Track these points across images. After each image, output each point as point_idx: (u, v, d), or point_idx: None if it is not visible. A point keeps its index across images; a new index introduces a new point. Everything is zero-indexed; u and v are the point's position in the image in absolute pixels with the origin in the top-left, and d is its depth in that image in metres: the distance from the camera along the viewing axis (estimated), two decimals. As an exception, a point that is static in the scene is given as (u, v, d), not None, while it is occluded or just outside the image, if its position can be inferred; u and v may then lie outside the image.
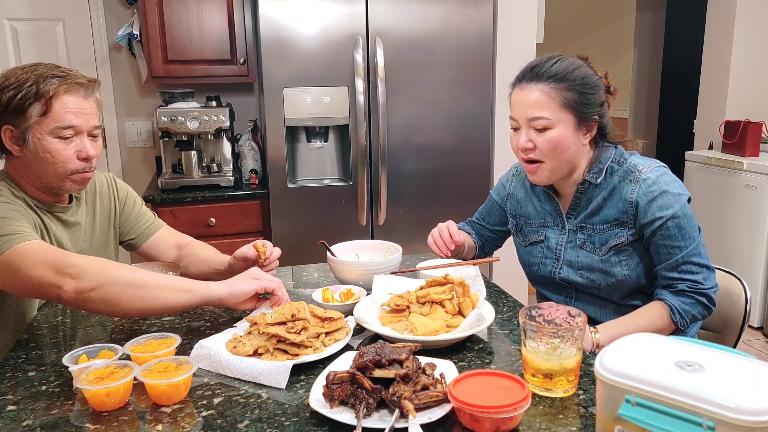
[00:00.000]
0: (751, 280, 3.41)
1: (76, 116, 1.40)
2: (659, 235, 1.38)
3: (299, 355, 1.13)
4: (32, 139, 1.38)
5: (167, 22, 2.83)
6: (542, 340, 1.02)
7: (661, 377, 0.78)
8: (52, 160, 1.40)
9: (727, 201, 3.48)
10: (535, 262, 1.57)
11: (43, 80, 1.37)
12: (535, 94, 1.38)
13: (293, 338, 1.14)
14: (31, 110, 1.37)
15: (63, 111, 1.38)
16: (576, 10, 6.01)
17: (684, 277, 1.39)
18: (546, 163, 1.41)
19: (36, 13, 3.07)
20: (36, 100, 1.36)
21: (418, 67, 2.74)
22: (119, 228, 1.68)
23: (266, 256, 1.48)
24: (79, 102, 1.41)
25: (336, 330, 1.22)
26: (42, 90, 1.36)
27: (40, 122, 1.38)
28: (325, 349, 1.16)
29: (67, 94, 1.39)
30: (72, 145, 1.41)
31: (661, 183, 1.39)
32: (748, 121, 3.47)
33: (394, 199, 2.82)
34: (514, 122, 1.44)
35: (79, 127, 1.41)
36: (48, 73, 1.38)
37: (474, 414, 0.89)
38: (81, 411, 1.01)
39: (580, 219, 1.49)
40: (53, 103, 1.37)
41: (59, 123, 1.38)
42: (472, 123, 2.84)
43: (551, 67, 1.40)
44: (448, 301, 1.29)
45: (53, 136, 1.39)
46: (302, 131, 2.81)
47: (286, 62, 2.62)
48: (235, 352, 1.16)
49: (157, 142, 3.28)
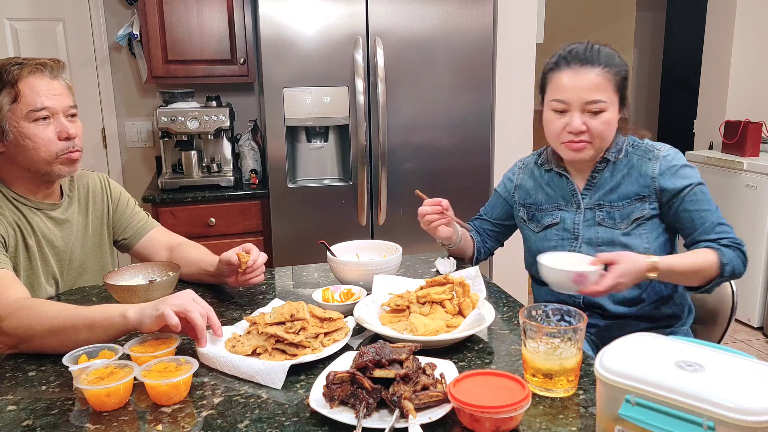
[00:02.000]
0: (751, 280, 3.41)
1: (47, 98, 1.41)
2: (689, 201, 1.46)
3: (297, 355, 1.13)
4: (10, 129, 1.39)
5: (167, 22, 2.83)
6: (542, 340, 1.02)
7: (661, 377, 0.78)
8: (33, 145, 1.41)
9: (727, 201, 3.48)
10: (550, 246, 1.58)
11: (4, 70, 1.39)
12: (592, 77, 1.43)
13: (291, 338, 1.14)
14: (1, 99, 1.38)
15: (32, 94, 1.40)
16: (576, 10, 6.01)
17: (722, 236, 1.46)
18: (594, 143, 1.47)
19: (36, 13, 3.07)
20: (2, 89, 1.38)
21: (418, 67, 2.74)
22: (112, 228, 1.68)
23: (247, 266, 1.44)
24: (46, 83, 1.42)
25: (335, 330, 1.21)
26: (6, 78, 1.38)
27: (13, 110, 1.39)
28: (323, 349, 1.16)
29: (32, 76, 1.40)
30: (51, 128, 1.43)
31: (679, 158, 1.50)
32: (748, 121, 3.47)
33: (394, 199, 2.82)
34: (562, 104, 1.46)
35: (53, 108, 1.42)
36: (8, 63, 1.40)
37: (474, 414, 0.89)
38: (81, 411, 1.01)
39: (597, 197, 1.54)
40: (20, 87, 1.38)
41: (31, 106, 1.39)
42: (472, 123, 2.84)
43: (600, 52, 1.45)
44: (448, 301, 1.29)
45: (29, 121, 1.40)
46: (302, 131, 2.81)
47: (286, 62, 2.62)
48: (234, 351, 1.16)
49: (157, 142, 3.28)
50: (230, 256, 1.44)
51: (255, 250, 1.47)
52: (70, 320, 1.18)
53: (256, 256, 1.46)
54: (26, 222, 1.46)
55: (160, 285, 1.43)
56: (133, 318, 1.16)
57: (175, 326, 1.12)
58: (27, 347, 1.21)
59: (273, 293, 1.56)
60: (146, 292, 1.40)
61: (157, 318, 1.13)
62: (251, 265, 1.45)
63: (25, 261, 1.47)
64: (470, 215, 1.85)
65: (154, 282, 1.45)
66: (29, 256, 1.47)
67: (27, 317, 1.20)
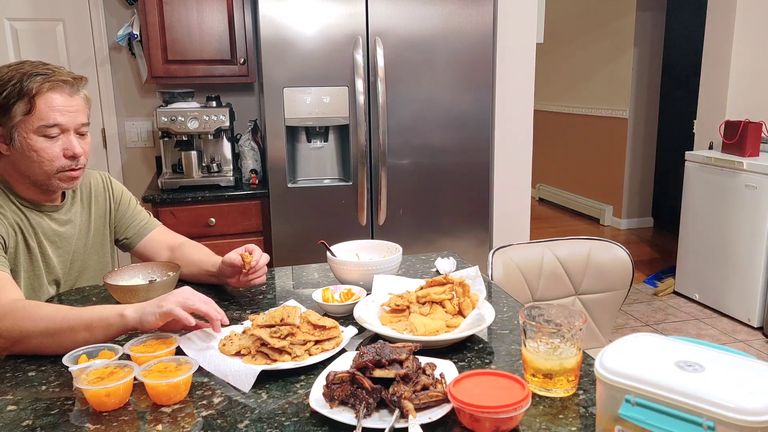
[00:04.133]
0: (750, 280, 3.41)
1: (61, 114, 1.39)
2: None
3: (277, 360, 1.12)
4: (18, 137, 1.38)
5: (167, 22, 2.83)
6: (542, 340, 1.02)
7: (661, 377, 0.78)
8: (38, 158, 1.40)
9: (727, 201, 3.48)
10: None
11: (27, 78, 1.36)
12: None
13: (274, 343, 1.13)
14: (15, 109, 1.36)
15: (47, 109, 1.37)
16: (576, 10, 6.01)
17: None
18: None
19: (36, 13, 3.07)
20: (19, 99, 1.35)
21: (418, 67, 2.74)
22: (114, 227, 1.68)
23: (251, 266, 1.44)
24: (64, 99, 1.40)
25: (327, 339, 1.19)
26: (26, 88, 1.35)
27: (25, 121, 1.37)
28: (307, 357, 1.13)
29: (51, 92, 1.38)
30: (58, 144, 1.41)
31: None
32: (748, 121, 3.47)
33: (394, 199, 2.82)
34: None
35: (64, 125, 1.40)
36: (33, 71, 1.37)
37: (474, 414, 0.89)
38: (81, 411, 1.01)
39: None
40: (37, 101, 1.36)
41: (44, 121, 1.37)
42: (472, 123, 2.84)
43: None
44: (448, 301, 1.29)
45: (39, 135, 1.38)
46: (302, 131, 2.81)
47: (286, 62, 2.62)
48: (223, 350, 1.16)
49: (157, 142, 3.28)
50: (234, 258, 1.44)
51: (257, 251, 1.47)
52: (66, 321, 1.18)
53: (258, 257, 1.46)
54: (28, 223, 1.46)
55: (160, 285, 1.43)
56: (131, 317, 1.16)
57: (189, 323, 1.15)
58: (22, 349, 1.21)
59: (273, 293, 1.56)
60: (146, 292, 1.40)
61: (161, 315, 1.14)
62: (254, 266, 1.45)
63: (26, 262, 1.46)
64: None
65: (154, 282, 1.44)
66: (30, 257, 1.47)
67: (22, 319, 1.19)
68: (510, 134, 3.04)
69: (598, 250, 1.98)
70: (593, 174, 5.98)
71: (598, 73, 5.81)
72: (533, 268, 1.95)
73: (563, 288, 1.98)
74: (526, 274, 1.94)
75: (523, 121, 3.04)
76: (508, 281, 1.90)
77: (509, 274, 1.91)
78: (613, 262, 1.97)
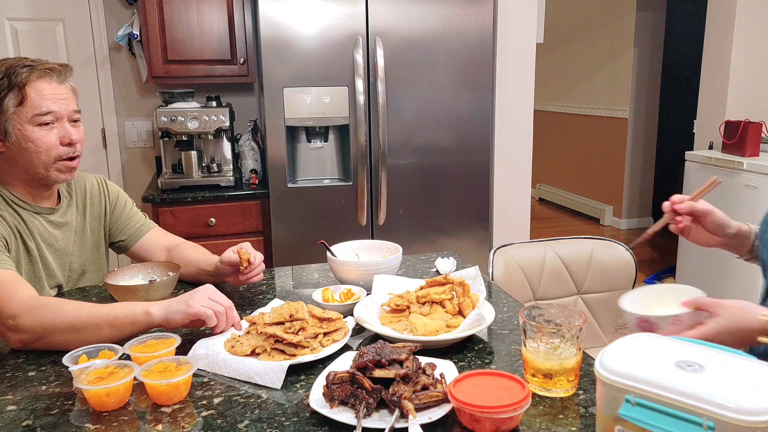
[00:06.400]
0: (750, 280, 3.40)
1: (53, 102, 1.41)
2: None
3: (296, 355, 1.13)
4: (13, 130, 1.39)
5: (167, 22, 2.83)
6: (542, 340, 1.02)
7: (661, 377, 0.78)
8: (35, 148, 1.41)
9: (727, 201, 3.47)
10: None
11: (13, 71, 1.38)
12: None
13: (291, 338, 1.14)
14: (7, 102, 1.37)
15: (39, 98, 1.39)
16: (576, 10, 6.01)
17: None
18: None
19: (36, 13, 3.07)
20: (10, 91, 1.37)
21: (418, 67, 2.74)
22: (109, 230, 1.68)
23: (249, 263, 1.45)
24: (53, 87, 1.42)
25: (334, 330, 1.21)
26: (14, 80, 1.37)
27: (18, 113, 1.38)
28: (322, 349, 1.16)
29: (40, 81, 1.40)
30: (54, 132, 1.42)
31: None
32: (748, 121, 3.47)
33: (394, 199, 2.82)
34: None
35: (58, 113, 1.42)
36: (17, 64, 1.39)
37: (474, 414, 0.89)
38: (81, 411, 1.01)
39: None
40: (27, 91, 1.38)
41: (37, 110, 1.39)
42: (472, 123, 2.84)
43: None
44: (448, 301, 1.29)
45: (33, 125, 1.40)
46: (302, 131, 2.81)
47: (286, 62, 2.62)
48: (233, 351, 1.16)
49: (157, 142, 3.28)
50: (231, 256, 1.45)
51: (250, 247, 1.49)
52: (91, 318, 1.20)
53: (254, 254, 1.48)
54: (25, 226, 1.46)
55: (160, 285, 1.43)
56: (157, 315, 1.20)
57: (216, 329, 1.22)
58: (44, 344, 1.22)
59: (273, 293, 1.56)
60: (146, 292, 1.40)
61: (188, 316, 1.19)
62: (252, 262, 1.46)
63: (27, 265, 1.46)
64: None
65: (154, 282, 1.45)
66: (31, 259, 1.47)
67: (46, 314, 1.21)
68: (510, 134, 3.04)
69: (600, 250, 1.99)
70: (593, 174, 5.98)
71: (598, 73, 5.81)
72: (535, 266, 1.95)
73: (565, 287, 1.98)
74: (528, 273, 1.94)
75: (523, 120, 3.04)
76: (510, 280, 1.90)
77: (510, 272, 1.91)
78: (615, 262, 1.97)
